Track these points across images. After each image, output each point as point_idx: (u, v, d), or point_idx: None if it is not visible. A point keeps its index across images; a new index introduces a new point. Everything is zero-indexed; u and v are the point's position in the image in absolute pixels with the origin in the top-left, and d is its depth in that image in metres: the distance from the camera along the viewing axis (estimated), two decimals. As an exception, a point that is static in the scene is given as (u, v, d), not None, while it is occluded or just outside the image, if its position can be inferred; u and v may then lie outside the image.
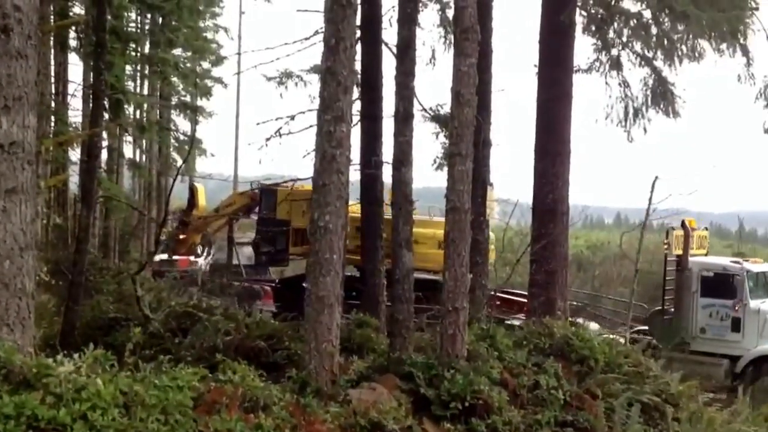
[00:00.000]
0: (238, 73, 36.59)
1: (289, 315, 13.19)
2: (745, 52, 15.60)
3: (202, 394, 6.73)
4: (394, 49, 11.90)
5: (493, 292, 17.79)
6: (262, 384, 7.48)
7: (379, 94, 14.89)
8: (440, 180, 11.04)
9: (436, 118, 16.41)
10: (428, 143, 17.47)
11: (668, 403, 10.76)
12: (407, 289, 10.20)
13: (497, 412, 8.90)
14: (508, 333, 11.12)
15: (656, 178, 14.64)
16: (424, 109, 16.43)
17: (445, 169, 10.49)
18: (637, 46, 15.99)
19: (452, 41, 11.82)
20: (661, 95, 15.94)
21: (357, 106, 14.63)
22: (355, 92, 13.98)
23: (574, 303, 20.11)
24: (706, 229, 19.13)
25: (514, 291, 20.84)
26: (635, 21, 15.14)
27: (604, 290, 20.04)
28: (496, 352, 10.19)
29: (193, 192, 24.83)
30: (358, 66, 14.18)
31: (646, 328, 18.55)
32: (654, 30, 15.08)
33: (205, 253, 24.46)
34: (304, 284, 9.70)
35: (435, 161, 17.06)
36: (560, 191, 14.38)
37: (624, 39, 15.87)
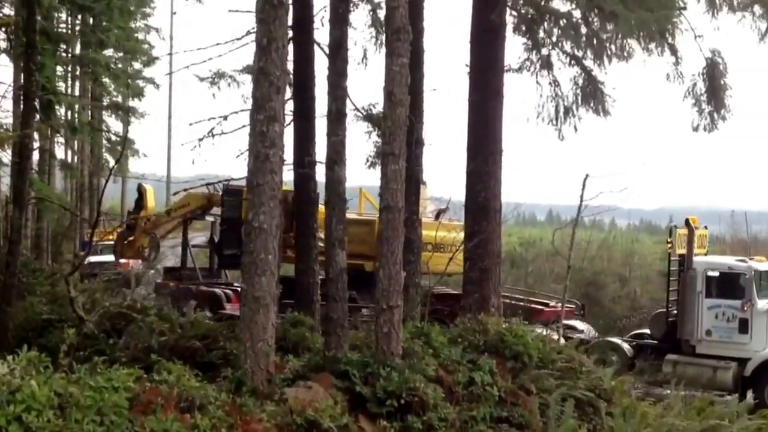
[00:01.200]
0: (170, 74, 36.46)
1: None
2: (674, 51, 16.10)
3: (138, 394, 6.79)
4: (327, 49, 12.03)
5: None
6: (197, 384, 7.55)
7: (311, 94, 15.00)
8: (374, 179, 11.24)
9: (369, 117, 16.61)
10: (361, 142, 17.61)
11: (601, 398, 11.09)
12: (341, 288, 10.35)
13: (433, 409, 9.09)
14: (443, 330, 11.34)
15: (587, 175, 14.97)
16: (357, 109, 16.63)
17: (379, 168, 10.69)
18: (567, 46, 16.37)
19: (384, 41, 12.03)
20: (591, 94, 16.36)
21: (290, 106, 14.72)
22: (288, 92, 14.10)
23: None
24: (706, 227, 18.79)
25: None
26: (565, 21, 15.51)
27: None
28: (432, 349, 10.38)
29: (141, 193, 24.06)
30: (290, 66, 14.28)
31: (647, 331, 18.48)
32: (584, 30, 15.48)
33: (152, 256, 23.93)
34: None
35: (368, 160, 17.27)
36: (493, 189, 14.66)
37: (554, 39, 16.25)
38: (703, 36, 16.09)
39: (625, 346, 17.60)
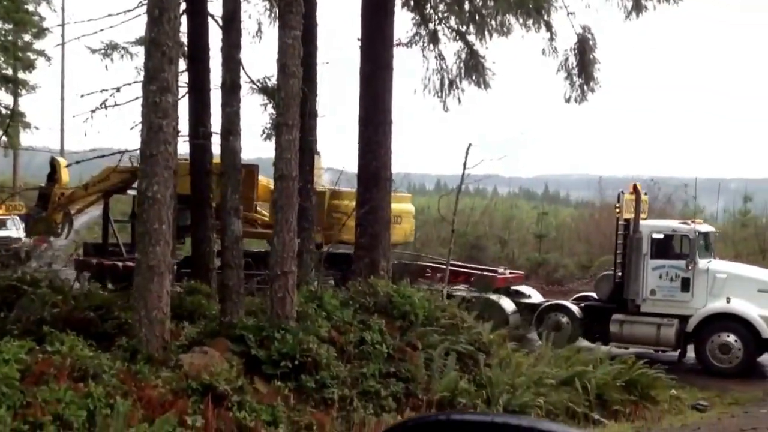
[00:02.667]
0: (62, 45, 34.73)
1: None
2: (549, 27, 16.29)
3: (30, 366, 6.45)
4: (220, 21, 11.62)
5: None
6: (91, 353, 7.24)
7: (206, 66, 14.51)
8: (271, 151, 10.97)
9: (264, 89, 16.21)
10: (258, 114, 17.18)
11: (481, 351, 11.29)
12: (236, 255, 10.11)
13: (325, 368, 9.08)
14: (335, 294, 11.26)
15: (470, 145, 15.06)
16: (252, 81, 16.19)
17: (274, 139, 10.47)
18: (453, 22, 16.37)
19: (277, 14, 11.68)
20: (474, 68, 16.43)
21: (185, 78, 14.20)
22: (183, 64, 13.60)
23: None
24: (646, 194, 18.49)
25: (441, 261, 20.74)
26: (450, -3, 15.47)
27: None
28: (324, 312, 10.35)
29: (54, 167, 21.97)
30: (184, 38, 13.79)
31: (593, 294, 18.33)
32: (467, 6, 15.47)
33: (65, 232, 22.32)
34: None
35: (264, 132, 16.89)
36: (383, 159, 14.57)
37: (440, 14, 16.20)
38: (575, 13, 16.29)
39: (575, 308, 17.51)
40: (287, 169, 9.95)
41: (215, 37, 17.86)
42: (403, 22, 16.29)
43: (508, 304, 17.62)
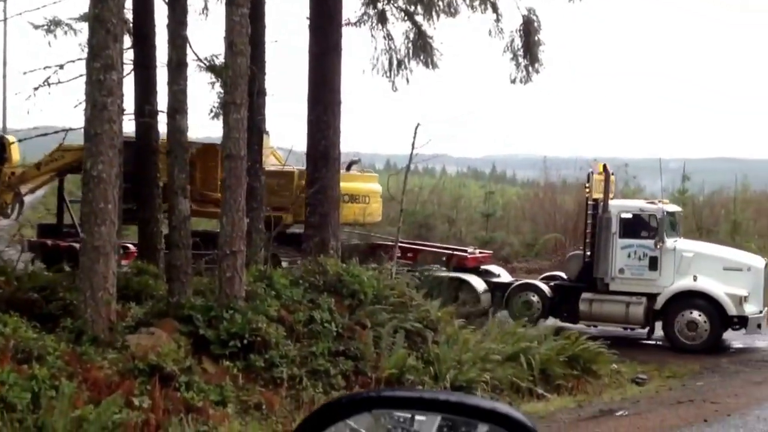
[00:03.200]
0: (4, 20, 33.55)
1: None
2: (495, 8, 16.29)
3: (-30, 349, 6.22)
4: (166, -2, 11.32)
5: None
6: (35, 335, 7.03)
7: (152, 43, 14.15)
8: (219, 130, 10.77)
9: (212, 68, 15.84)
10: (205, 93, 16.85)
11: (429, 328, 11.30)
12: (184, 235, 9.93)
13: (274, 347, 9.02)
14: (285, 273, 11.15)
15: (418, 125, 14.92)
16: (199, 59, 15.79)
17: (222, 118, 10.28)
18: (401, 1, 16.27)
19: (225, -8, 11.43)
20: (421, 48, 16.35)
21: (130, 55, 13.84)
22: (128, 41, 13.25)
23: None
24: (613, 174, 18.24)
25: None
26: (399, -23, 15.35)
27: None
28: (274, 291, 10.24)
29: (4, 145, 20.55)
30: (129, 14, 13.42)
31: (561, 274, 18.26)
32: (415, -14, 15.37)
33: (15, 213, 21.35)
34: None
35: (212, 111, 16.59)
36: (332, 138, 14.43)
37: (389, -6, 16.08)
38: (521, -5, 16.29)
39: (545, 287, 17.39)
40: (235, 148, 9.80)
41: (161, 13, 17.44)
42: (351, 2, 16.19)
43: (478, 284, 17.53)
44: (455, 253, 18.78)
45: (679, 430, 9.44)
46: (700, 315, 15.73)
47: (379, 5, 16.36)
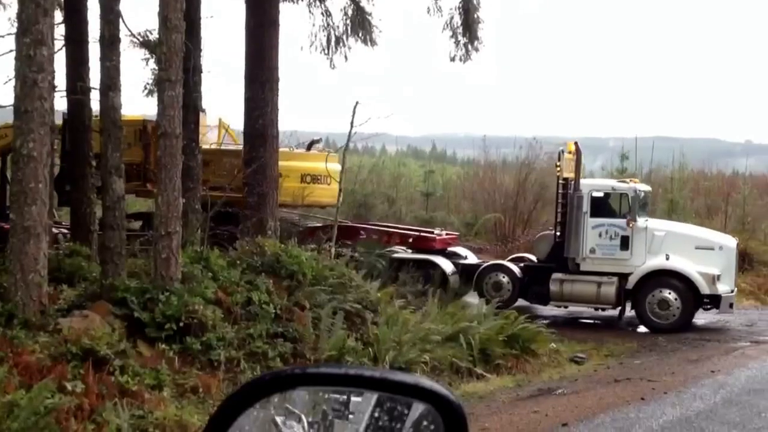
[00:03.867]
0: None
1: None
2: (434, -15, 16.36)
3: None
4: (98, -29, 11.09)
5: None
6: (-38, 320, 6.91)
7: (84, 18, 13.88)
8: (154, 107, 10.66)
9: (146, 43, 15.67)
10: (139, 69, 16.60)
11: (368, 309, 11.40)
12: (118, 216, 9.83)
13: (211, 330, 9.00)
14: (222, 254, 11.11)
15: (357, 103, 14.91)
16: (133, 35, 15.58)
17: (156, 95, 10.18)
18: (339, -23, 16.23)
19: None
20: (360, 25, 16.37)
21: (62, 30, 13.54)
22: (59, 16, 12.98)
23: None
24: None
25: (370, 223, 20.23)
26: (337, -47, 15.30)
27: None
28: (211, 273, 10.21)
29: None
30: (59, -12, 13.12)
31: (528, 255, 18.26)
32: (354, -38, 15.35)
33: None
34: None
35: (146, 88, 16.40)
36: (269, 116, 14.36)
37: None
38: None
39: (515, 268, 17.41)
40: (170, 126, 9.72)
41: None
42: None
43: (447, 266, 17.47)
44: (422, 234, 18.72)
45: (616, 408, 9.66)
46: (671, 294, 15.90)
47: (318, -19, 16.31)
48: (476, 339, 12.19)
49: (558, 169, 17.18)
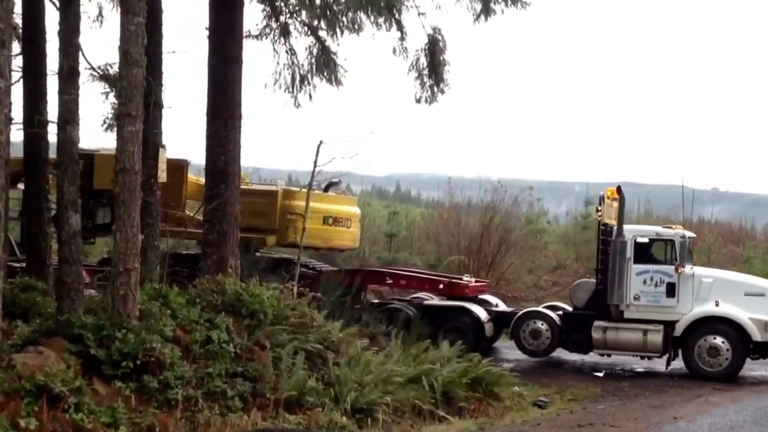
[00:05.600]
0: None
1: None
2: (400, 26, 16.67)
3: None
4: (58, 3, 11.26)
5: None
6: None
7: (42, 50, 13.98)
8: (112, 142, 10.76)
9: (105, 77, 15.78)
10: (99, 103, 16.63)
11: (330, 349, 11.49)
12: (75, 250, 9.88)
13: (169, 368, 9.06)
14: (182, 292, 11.17)
15: (321, 142, 15.10)
16: (93, 68, 15.71)
17: (116, 129, 10.29)
18: (304, 16, 16.48)
19: (120, -1, 11.45)
20: (325, 64, 16.62)
21: (19, 62, 13.64)
22: (17, 47, 13.07)
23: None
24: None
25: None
26: (302, -9, 15.56)
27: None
28: (170, 310, 10.26)
29: None
30: (18, 19, 13.25)
31: (559, 303, 18.21)
32: (318, 1, 15.60)
33: None
34: None
35: (105, 122, 16.43)
36: (232, 153, 14.48)
37: (291, 8, 16.27)
38: (426, 14, 16.68)
39: (554, 315, 17.31)
40: (129, 162, 9.85)
41: (53, 19, 17.22)
42: (253, 14, 16.31)
43: (482, 313, 17.48)
44: (454, 281, 18.68)
45: (578, 453, 9.84)
46: (722, 341, 15.84)
47: (282, 18, 16.56)
48: (439, 381, 12.25)
49: (599, 214, 17.15)
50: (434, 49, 16.99)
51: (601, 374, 16.63)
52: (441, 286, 18.31)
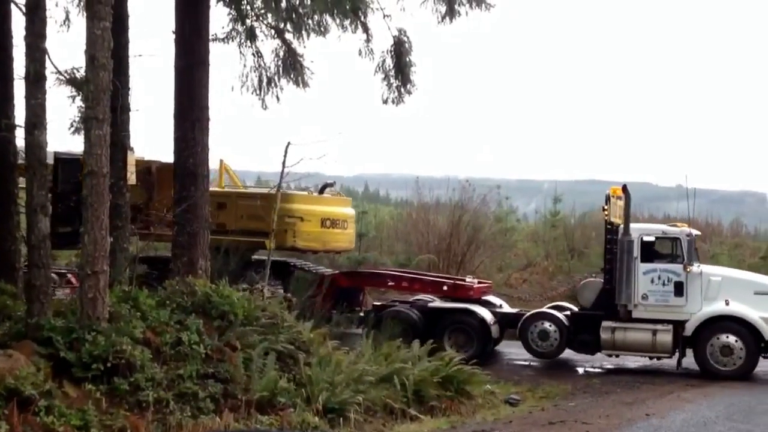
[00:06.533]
0: None
1: None
2: (365, 28, 16.78)
3: None
4: (24, 8, 11.24)
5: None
6: None
7: (9, 54, 13.90)
8: (80, 145, 10.77)
9: (72, 81, 15.68)
10: (66, 107, 16.53)
11: (300, 350, 11.56)
12: (44, 254, 9.88)
13: (140, 370, 9.10)
14: (151, 294, 11.19)
15: (288, 143, 15.13)
16: (60, 72, 15.61)
17: (83, 133, 10.30)
18: (270, 19, 16.52)
19: (85, 4, 11.45)
20: (292, 66, 16.69)
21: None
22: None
23: None
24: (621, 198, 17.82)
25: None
26: (267, -7, 15.60)
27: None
28: (139, 312, 10.28)
29: None
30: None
31: (565, 304, 18.10)
32: (284, 4, 15.66)
33: None
34: None
35: (72, 125, 16.37)
36: (200, 156, 14.49)
37: (257, 11, 16.32)
38: (391, 16, 16.79)
39: (561, 316, 17.21)
40: (97, 165, 9.89)
41: (19, 23, 17.13)
42: (220, 17, 16.32)
43: (487, 315, 17.42)
44: (458, 282, 18.66)
45: (550, 450, 9.94)
46: (735, 340, 15.80)
47: (248, 22, 16.58)
48: (410, 380, 12.36)
49: (605, 213, 17.09)
50: (400, 50, 17.11)
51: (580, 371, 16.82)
52: (445, 288, 18.26)
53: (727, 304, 16.11)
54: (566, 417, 12.10)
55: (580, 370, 17.20)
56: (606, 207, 17.02)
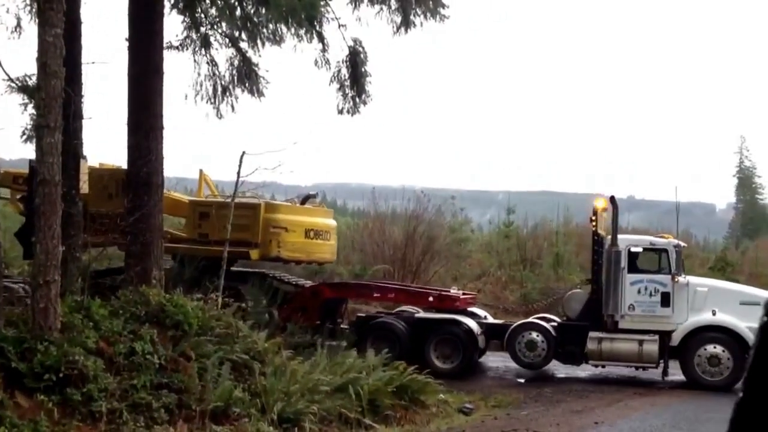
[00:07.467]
0: None
1: None
2: (321, 38, 16.85)
3: None
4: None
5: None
6: None
7: (-41, 62, 13.75)
8: (32, 154, 10.66)
9: (24, 88, 15.53)
10: (18, 115, 16.34)
11: (256, 359, 11.55)
12: (-5, 264, 9.76)
13: (93, 381, 9.04)
14: (104, 304, 11.10)
15: (243, 152, 15.13)
16: (11, 79, 15.46)
17: (35, 141, 10.23)
18: (225, 27, 16.53)
19: (37, 10, 11.37)
20: (247, 75, 16.70)
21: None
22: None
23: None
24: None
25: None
26: (221, 2, 15.63)
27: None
28: (92, 322, 10.19)
29: None
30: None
31: (549, 315, 18.08)
32: (239, 12, 15.69)
33: None
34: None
35: (24, 133, 16.19)
36: (154, 164, 14.42)
37: (212, 19, 16.31)
38: (347, 26, 16.93)
39: (548, 326, 17.23)
40: (49, 173, 9.80)
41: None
42: (174, 25, 16.27)
43: (474, 325, 17.43)
44: (444, 293, 18.70)
45: (502, 458, 10.08)
46: (722, 350, 15.85)
47: (203, 29, 16.57)
48: (365, 389, 12.41)
49: (593, 224, 17.18)
50: (355, 60, 17.21)
51: (522, 380, 17.00)
52: (431, 299, 18.30)
53: (714, 314, 16.29)
54: (518, 425, 12.26)
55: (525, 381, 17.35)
56: (594, 218, 17.16)
